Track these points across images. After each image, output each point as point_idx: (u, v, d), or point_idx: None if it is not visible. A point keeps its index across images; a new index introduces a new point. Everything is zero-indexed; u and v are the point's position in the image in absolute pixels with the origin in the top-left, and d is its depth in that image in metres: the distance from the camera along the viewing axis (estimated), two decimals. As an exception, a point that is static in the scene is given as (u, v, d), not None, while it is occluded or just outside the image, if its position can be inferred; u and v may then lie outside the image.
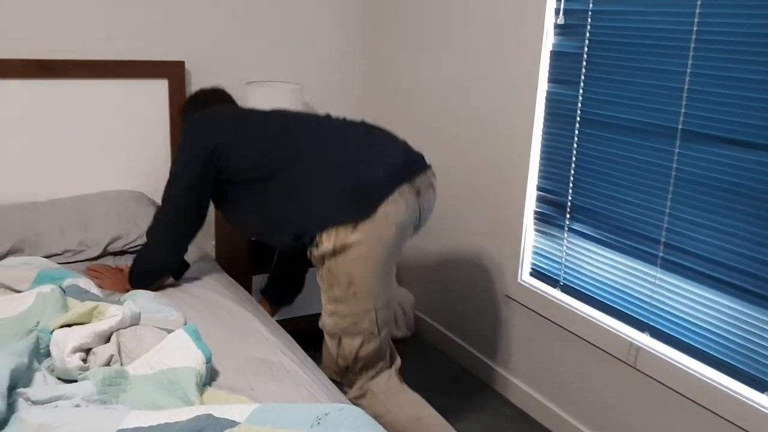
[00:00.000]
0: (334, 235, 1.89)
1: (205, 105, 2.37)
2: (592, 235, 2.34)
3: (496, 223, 2.76)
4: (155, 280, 2.22)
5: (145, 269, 2.20)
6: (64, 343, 1.68)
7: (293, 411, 1.46)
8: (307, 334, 2.61)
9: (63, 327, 1.77)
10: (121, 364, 1.71)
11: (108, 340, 1.77)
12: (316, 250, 1.93)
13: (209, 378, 1.69)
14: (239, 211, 2.15)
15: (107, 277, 2.31)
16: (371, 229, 1.89)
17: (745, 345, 1.91)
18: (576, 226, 2.40)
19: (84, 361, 1.69)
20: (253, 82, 3.09)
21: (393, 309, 2.09)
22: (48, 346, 1.73)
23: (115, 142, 2.91)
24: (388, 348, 2.09)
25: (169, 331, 1.83)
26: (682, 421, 2.09)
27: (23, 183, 2.77)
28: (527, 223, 2.61)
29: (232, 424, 1.39)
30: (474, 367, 3.00)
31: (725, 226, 1.93)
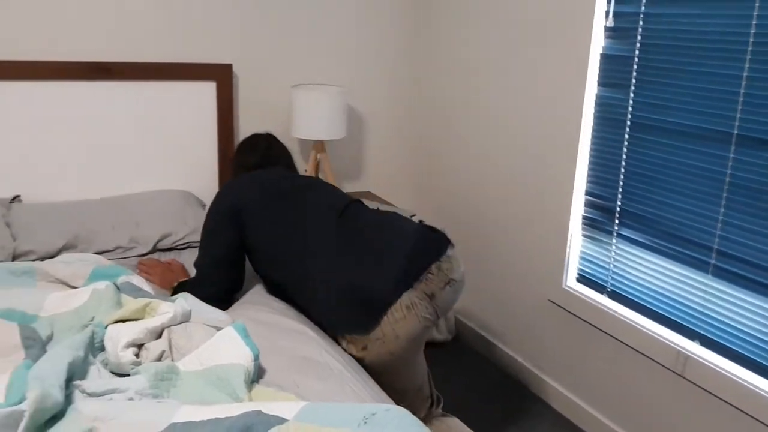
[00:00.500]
0: (350, 342, 1.97)
1: (254, 148, 2.44)
2: (642, 241, 2.30)
3: (540, 227, 2.74)
4: None
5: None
6: (118, 338, 1.72)
7: (340, 410, 1.46)
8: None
9: (117, 323, 1.80)
10: (172, 360, 1.74)
11: (160, 336, 1.80)
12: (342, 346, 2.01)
13: (257, 375, 1.71)
14: (268, 282, 2.24)
15: (156, 273, 2.36)
16: (382, 346, 1.94)
17: (800, 356, 1.87)
18: (625, 232, 2.37)
19: (136, 356, 1.72)
20: (299, 85, 3.12)
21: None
22: (102, 341, 1.76)
23: (165, 142, 2.97)
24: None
25: (218, 328, 1.85)
26: (729, 431, 2.05)
27: (77, 181, 2.84)
28: (574, 228, 2.59)
29: (280, 421, 1.40)
30: (515, 372, 2.98)
31: (781, 234, 1.89)
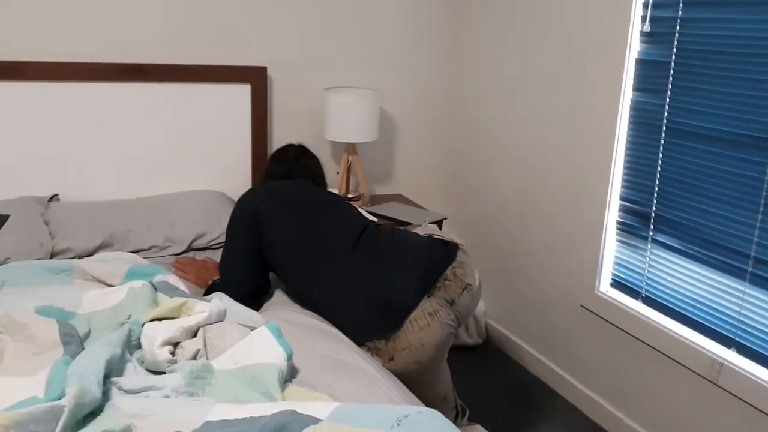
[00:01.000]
0: (376, 354, 1.98)
1: (284, 159, 2.47)
2: (677, 247, 2.28)
3: (574, 232, 2.72)
4: None
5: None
6: (154, 337, 1.74)
7: (373, 411, 1.47)
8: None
9: (153, 321, 1.83)
10: (207, 359, 1.76)
11: (195, 335, 1.82)
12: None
13: (290, 375, 1.72)
14: (291, 287, 2.24)
15: (191, 271, 2.40)
16: (409, 355, 1.96)
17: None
18: (660, 238, 2.34)
19: (172, 354, 1.75)
20: (332, 88, 3.14)
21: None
22: (139, 339, 1.79)
23: (199, 143, 3.01)
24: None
25: (252, 328, 1.87)
26: (768, 443, 2.02)
27: (113, 181, 2.89)
28: (608, 234, 2.57)
29: (314, 421, 1.41)
30: (546, 377, 2.97)
31: (821, 242, 1.85)
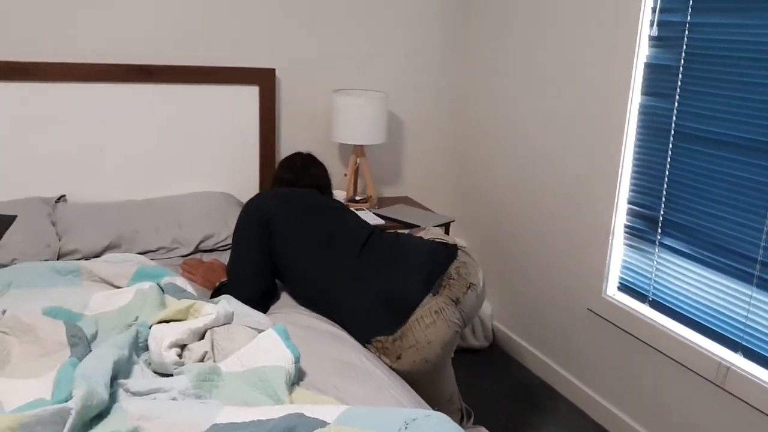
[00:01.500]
0: (383, 353, 1.99)
1: (291, 167, 2.48)
2: (685, 251, 2.27)
3: (581, 235, 2.72)
4: None
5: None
6: (162, 338, 1.74)
7: (381, 414, 1.47)
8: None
9: (161, 323, 1.83)
10: (214, 361, 1.76)
11: (202, 337, 1.82)
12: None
13: (297, 377, 1.72)
14: (297, 291, 2.24)
15: (199, 273, 2.40)
16: (416, 353, 1.97)
17: None
18: (668, 242, 2.34)
19: (179, 356, 1.74)
20: (340, 90, 3.15)
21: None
22: (146, 341, 1.79)
23: (207, 145, 3.01)
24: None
25: (259, 330, 1.87)
26: (776, 449, 2.01)
27: (121, 182, 2.90)
28: (615, 237, 2.56)
29: (322, 424, 1.41)
30: (551, 380, 2.96)
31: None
